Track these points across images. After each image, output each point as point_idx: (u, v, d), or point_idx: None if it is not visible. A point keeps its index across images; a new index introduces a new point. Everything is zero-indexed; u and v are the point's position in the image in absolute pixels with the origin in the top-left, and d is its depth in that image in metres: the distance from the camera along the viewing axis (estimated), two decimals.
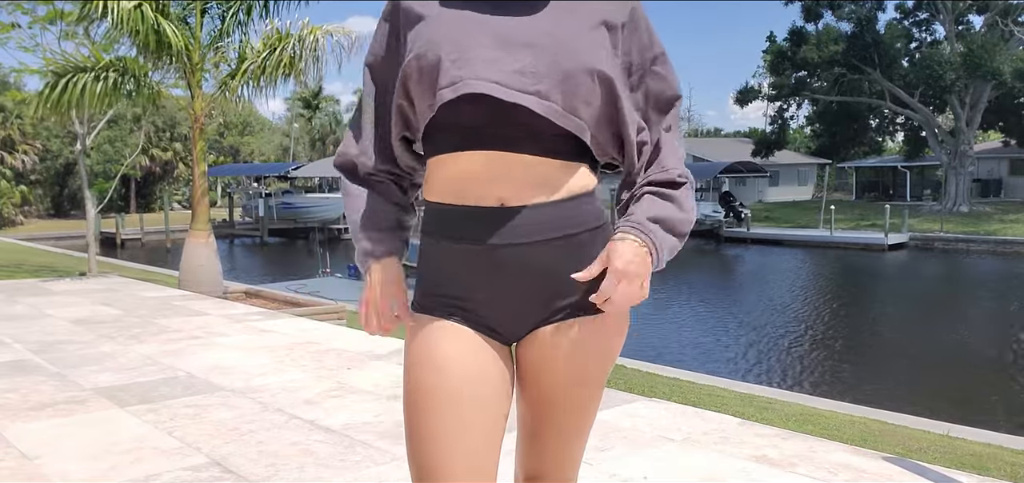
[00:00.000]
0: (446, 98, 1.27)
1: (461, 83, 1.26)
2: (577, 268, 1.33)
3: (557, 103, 1.27)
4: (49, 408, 4.06)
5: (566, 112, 1.28)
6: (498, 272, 1.32)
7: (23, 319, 6.96)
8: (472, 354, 1.34)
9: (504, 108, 1.27)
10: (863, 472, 3.14)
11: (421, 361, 1.35)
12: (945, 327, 14.30)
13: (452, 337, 1.34)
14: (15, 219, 36.88)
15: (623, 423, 3.76)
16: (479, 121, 1.29)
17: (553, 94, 1.27)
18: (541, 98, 1.26)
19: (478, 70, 1.27)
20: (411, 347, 1.38)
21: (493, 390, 1.35)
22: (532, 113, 1.27)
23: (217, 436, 3.59)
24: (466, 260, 1.33)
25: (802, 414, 4.35)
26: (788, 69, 37.81)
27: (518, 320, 1.37)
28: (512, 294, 1.33)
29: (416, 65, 1.31)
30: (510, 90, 1.26)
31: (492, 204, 1.30)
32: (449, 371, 1.32)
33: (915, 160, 41.20)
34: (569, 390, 1.40)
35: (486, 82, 1.26)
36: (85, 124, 11.37)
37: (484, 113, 1.28)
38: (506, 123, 1.29)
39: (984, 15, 34.30)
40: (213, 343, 5.84)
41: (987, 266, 24.13)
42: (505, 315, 1.36)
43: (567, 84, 1.28)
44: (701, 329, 13.81)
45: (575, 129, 1.30)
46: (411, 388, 1.36)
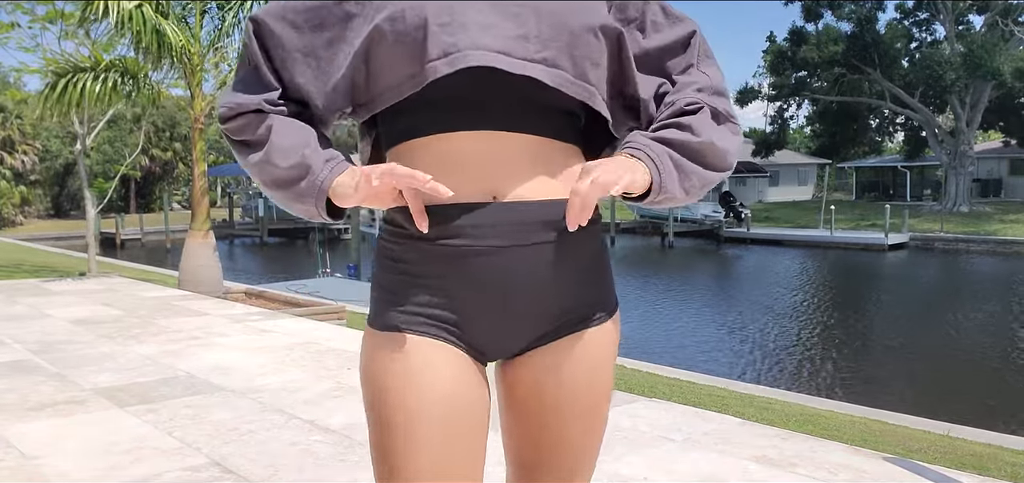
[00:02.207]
0: (442, 72, 1.06)
1: (458, 55, 1.06)
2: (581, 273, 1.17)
3: (567, 70, 1.10)
4: (49, 408, 4.05)
5: (577, 79, 1.11)
6: (487, 280, 1.11)
7: (23, 319, 6.96)
8: (462, 381, 1.13)
9: (503, 80, 1.08)
10: (863, 472, 3.14)
11: (397, 391, 1.11)
12: (945, 327, 14.30)
13: (436, 360, 1.12)
14: (15, 219, 36.87)
15: (623, 423, 3.76)
16: (472, 96, 1.10)
17: (561, 60, 1.09)
18: (549, 66, 1.09)
19: (475, 37, 1.06)
20: (380, 374, 1.13)
21: (481, 422, 1.16)
22: (536, 85, 1.08)
23: (217, 436, 3.59)
24: (447, 264, 1.11)
25: (802, 414, 4.35)
26: (788, 69, 37.85)
27: (510, 336, 1.16)
28: (503, 305, 1.12)
29: (390, 29, 1.08)
30: (515, 60, 1.07)
31: (484, 199, 1.10)
32: (437, 402, 1.10)
33: (915, 160, 41.21)
34: (577, 418, 1.20)
35: (489, 52, 1.06)
36: (85, 124, 11.36)
37: (478, 86, 1.09)
38: (504, 98, 1.10)
39: (984, 15, 34.30)
40: (213, 343, 5.84)
41: (987, 266, 24.13)
42: (495, 331, 1.15)
43: (575, 47, 1.10)
44: (701, 329, 13.80)
45: (587, 97, 1.12)
46: (386, 426, 1.11)
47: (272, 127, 1.14)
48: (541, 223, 1.11)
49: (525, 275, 1.12)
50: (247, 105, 1.15)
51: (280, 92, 1.16)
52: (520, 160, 1.11)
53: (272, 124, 1.14)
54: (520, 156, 1.11)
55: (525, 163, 1.11)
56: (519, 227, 1.10)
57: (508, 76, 1.07)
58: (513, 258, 1.10)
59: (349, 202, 1.10)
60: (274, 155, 1.12)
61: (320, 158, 1.12)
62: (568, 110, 1.15)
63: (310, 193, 1.11)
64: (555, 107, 1.13)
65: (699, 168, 1.13)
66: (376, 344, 1.15)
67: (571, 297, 1.16)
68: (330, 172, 1.10)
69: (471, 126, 1.10)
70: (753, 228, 31.56)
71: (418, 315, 1.13)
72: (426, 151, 1.12)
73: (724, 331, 13.63)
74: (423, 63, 1.07)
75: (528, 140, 1.12)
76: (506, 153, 1.11)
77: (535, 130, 1.12)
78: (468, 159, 1.10)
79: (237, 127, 1.16)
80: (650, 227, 33.28)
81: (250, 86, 1.16)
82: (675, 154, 1.11)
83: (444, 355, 1.12)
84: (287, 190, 1.13)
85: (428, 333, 1.12)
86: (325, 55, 1.14)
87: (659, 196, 1.10)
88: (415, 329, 1.12)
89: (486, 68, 1.06)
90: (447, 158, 1.10)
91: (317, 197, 1.10)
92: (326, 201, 1.11)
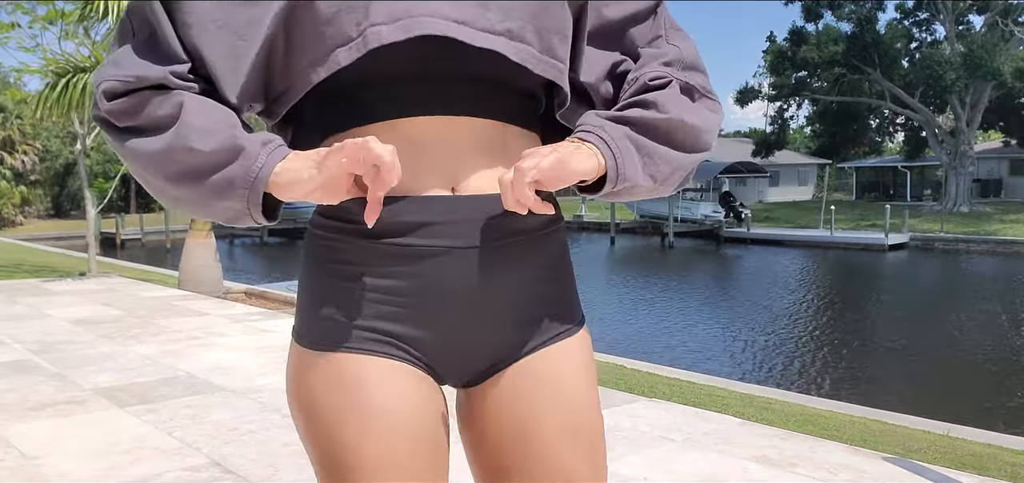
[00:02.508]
0: (388, 39, 0.87)
1: (410, 20, 0.88)
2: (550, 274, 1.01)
3: (532, 45, 0.93)
4: (49, 408, 4.05)
5: (543, 55, 0.94)
6: (448, 286, 0.93)
7: (23, 319, 6.96)
8: (427, 413, 0.95)
9: (459, 54, 0.90)
10: (863, 472, 3.14)
11: (352, 433, 0.91)
12: (945, 327, 14.29)
13: (395, 390, 0.92)
14: (15, 219, 36.89)
15: (623, 423, 3.76)
16: (423, 73, 0.92)
17: (526, 33, 0.93)
18: (512, 39, 0.92)
19: (433, 4, 0.89)
20: (325, 408, 0.93)
21: (445, 459, 0.98)
22: (497, 61, 0.91)
23: (217, 436, 3.59)
24: (400, 269, 0.93)
25: (802, 414, 4.34)
26: (788, 69, 37.87)
27: (467, 354, 0.98)
28: (465, 317, 0.95)
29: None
30: (475, 31, 0.89)
31: (442, 191, 0.93)
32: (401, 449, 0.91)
33: (915, 160, 41.23)
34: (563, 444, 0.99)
35: (445, 21, 0.88)
36: (85, 124, 11.35)
37: (431, 61, 0.92)
38: (460, 76, 0.93)
39: (984, 15, 34.32)
40: (213, 343, 5.84)
41: (987, 266, 24.12)
42: (453, 348, 0.96)
43: (541, 17, 0.94)
44: (702, 329, 13.79)
45: (555, 75, 0.96)
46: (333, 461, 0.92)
47: (183, 104, 0.88)
48: (504, 221, 0.94)
49: (486, 281, 0.94)
50: (148, 77, 0.88)
51: (190, 65, 0.90)
52: (479, 148, 0.94)
53: (183, 101, 0.88)
54: (479, 144, 0.94)
55: (484, 152, 0.95)
56: (481, 225, 0.93)
57: (465, 50, 0.90)
58: (474, 261, 0.93)
59: (295, 193, 0.86)
60: (190, 137, 0.86)
61: (255, 139, 0.87)
62: (529, 91, 1.00)
63: (243, 183, 0.85)
64: (515, 87, 0.97)
65: (668, 150, 0.97)
66: (316, 368, 0.94)
67: (535, 308, 1.00)
68: (270, 156, 0.86)
69: (423, 110, 0.93)
70: (753, 228, 31.54)
71: (367, 330, 0.93)
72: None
73: (724, 331, 13.62)
74: (364, 28, 0.88)
75: (486, 125, 0.95)
76: (464, 140, 0.94)
77: (494, 114, 0.95)
78: (422, 147, 0.92)
79: (129, 106, 0.89)
80: (650, 227, 33.26)
81: (147, 57, 0.89)
82: (636, 135, 0.95)
83: (404, 382, 0.93)
84: (203, 183, 0.87)
85: (381, 352, 0.93)
86: (245, 33, 0.90)
87: (618, 186, 0.93)
88: (366, 348, 0.93)
89: (440, 40, 0.88)
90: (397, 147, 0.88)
91: (252, 188, 0.85)
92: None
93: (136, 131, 0.90)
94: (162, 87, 0.89)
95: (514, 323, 0.99)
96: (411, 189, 0.92)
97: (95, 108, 0.92)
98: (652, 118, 0.96)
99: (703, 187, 34.79)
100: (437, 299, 0.94)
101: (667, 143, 0.97)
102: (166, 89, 0.89)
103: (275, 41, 0.91)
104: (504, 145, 0.97)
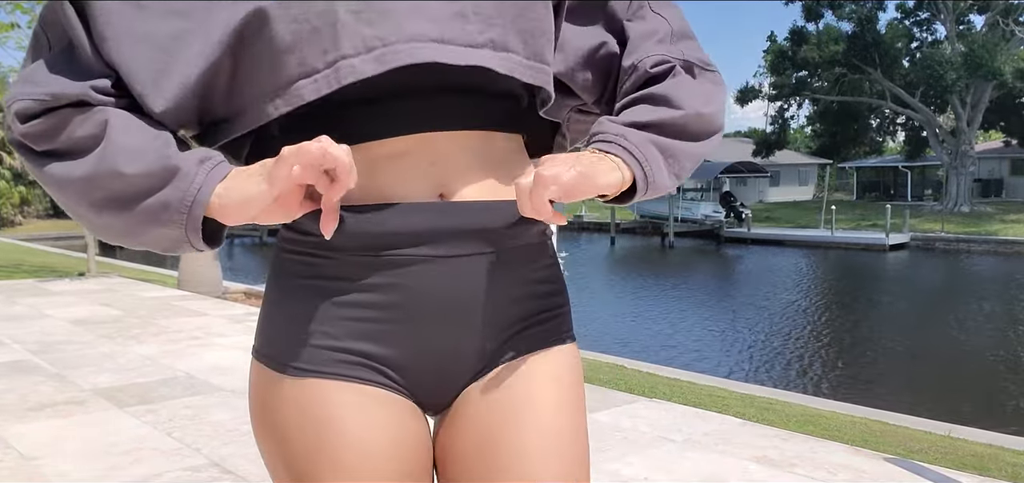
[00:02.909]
0: (364, 74, 0.79)
1: (386, 50, 0.80)
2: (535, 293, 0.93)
3: (517, 51, 0.86)
4: (48, 408, 4.05)
5: (530, 60, 0.88)
6: (434, 299, 0.86)
7: (22, 319, 6.95)
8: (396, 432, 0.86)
9: (439, 71, 0.82)
10: (864, 473, 3.14)
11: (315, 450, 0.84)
12: (946, 327, 14.29)
13: (362, 410, 0.85)
14: (14, 219, 36.92)
15: (623, 423, 3.76)
16: (398, 92, 0.84)
17: (510, 39, 0.86)
18: (497, 50, 0.85)
19: (403, 23, 0.80)
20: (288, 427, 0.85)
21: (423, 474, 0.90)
22: (482, 71, 0.84)
23: (216, 437, 3.58)
24: (383, 281, 0.85)
25: (803, 415, 4.33)
26: (789, 69, 37.88)
27: (451, 376, 0.90)
28: (449, 332, 0.87)
29: (281, 14, 0.79)
30: (457, 48, 0.82)
31: (429, 197, 0.85)
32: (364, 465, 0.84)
33: (916, 160, 41.23)
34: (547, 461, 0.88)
35: (424, 43, 0.81)
36: None
37: (406, 80, 0.83)
38: (439, 91, 0.85)
39: (985, 15, 34.32)
40: (212, 343, 5.83)
41: (988, 266, 24.12)
42: (437, 370, 0.89)
43: (522, 18, 0.87)
44: (702, 329, 13.79)
45: (542, 80, 0.89)
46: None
47: (108, 122, 0.78)
48: (495, 227, 0.87)
49: (473, 293, 0.87)
50: (65, 95, 0.78)
51: (113, 79, 0.80)
52: (464, 157, 0.87)
53: (107, 118, 0.78)
54: (463, 153, 0.87)
55: (469, 160, 0.88)
56: (469, 232, 0.86)
57: (446, 66, 0.82)
58: (461, 270, 0.86)
59: (242, 215, 0.77)
60: (116, 159, 0.76)
61: (191, 158, 0.78)
62: (512, 93, 0.92)
63: (178, 207, 0.77)
64: (498, 92, 0.90)
65: (688, 145, 0.92)
66: (284, 394, 0.86)
67: (522, 322, 0.93)
68: (209, 175, 0.77)
69: (401, 129, 0.85)
70: (754, 228, 31.55)
71: (341, 352, 0.86)
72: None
73: (724, 331, 13.61)
74: (334, 59, 0.80)
75: (470, 135, 0.88)
76: (447, 151, 0.87)
77: (477, 124, 0.88)
78: (403, 157, 0.85)
79: (47, 128, 0.79)
80: (650, 227, 33.28)
81: (63, 73, 0.79)
82: (658, 138, 0.89)
83: (380, 411, 0.86)
84: (132, 210, 0.78)
85: (356, 377, 0.86)
86: (170, 47, 0.80)
87: (647, 194, 0.89)
88: (340, 373, 0.85)
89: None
90: (376, 164, 0.84)
91: (190, 213, 0.77)
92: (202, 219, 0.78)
93: (56, 155, 0.80)
94: (83, 104, 0.79)
95: (498, 337, 0.91)
96: (392, 196, 0.84)
97: (9, 132, 0.81)
98: (670, 118, 0.91)
99: (703, 187, 34.80)
100: (419, 312, 0.86)
101: (686, 138, 0.92)
102: (88, 106, 0.79)
103: (218, 65, 0.81)
104: (489, 151, 0.90)
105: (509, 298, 0.90)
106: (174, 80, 0.80)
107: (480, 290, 0.88)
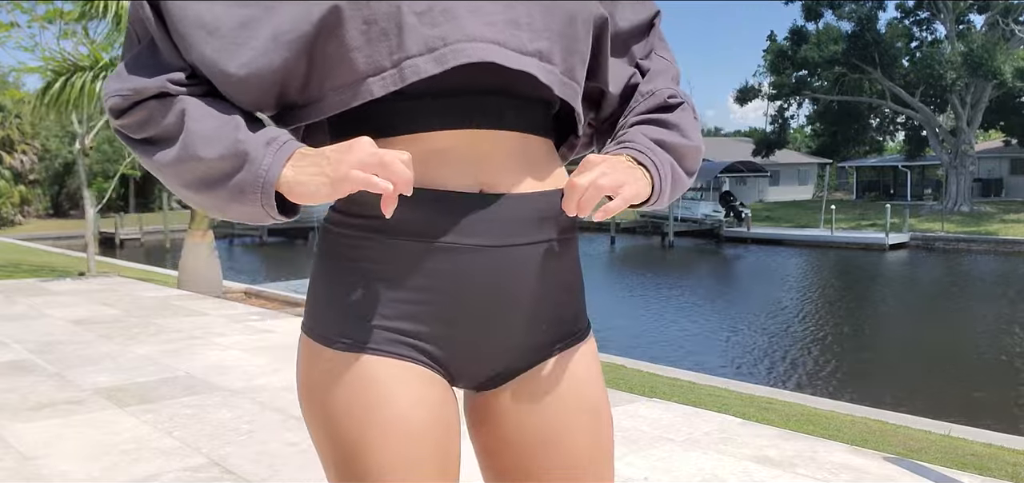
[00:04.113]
0: (426, 73, 0.88)
1: (446, 50, 0.88)
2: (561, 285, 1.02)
3: (557, 66, 0.96)
4: (48, 408, 4.05)
5: (565, 78, 0.97)
6: (469, 284, 0.93)
7: (22, 319, 6.96)
8: (445, 421, 0.95)
9: (490, 70, 0.90)
10: (864, 472, 3.14)
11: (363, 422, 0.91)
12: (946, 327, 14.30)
13: (406, 385, 0.93)
14: (14, 219, 36.90)
15: (623, 423, 3.76)
16: (450, 89, 0.92)
17: (554, 54, 0.95)
18: (542, 60, 0.94)
19: (464, 25, 0.89)
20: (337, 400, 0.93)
21: (455, 454, 0.98)
22: (525, 78, 0.93)
23: (216, 436, 3.58)
24: (421, 265, 0.93)
25: (803, 414, 4.34)
26: (788, 68, 37.84)
27: (486, 358, 0.99)
28: (484, 317, 0.96)
29: (353, 14, 0.88)
30: (510, 51, 0.91)
31: (470, 189, 0.93)
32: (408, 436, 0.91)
33: (916, 159, 41.22)
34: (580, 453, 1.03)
35: (484, 43, 0.89)
36: (84, 124, 11.35)
37: (466, 78, 0.92)
38: (489, 91, 0.94)
39: (985, 14, 34.31)
40: (212, 343, 5.83)
41: (988, 266, 24.12)
42: (472, 351, 0.97)
43: (565, 36, 0.96)
44: (702, 329, 13.79)
45: (572, 97, 0.98)
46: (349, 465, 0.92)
47: (186, 111, 0.87)
48: (532, 220, 0.96)
49: (511, 281, 0.95)
50: (146, 89, 0.87)
51: (188, 72, 0.89)
52: (503, 156, 0.95)
53: (185, 107, 0.87)
54: (502, 152, 0.96)
55: (508, 159, 0.96)
56: (509, 223, 0.94)
57: (495, 68, 0.90)
58: (501, 260, 0.94)
59: (305, 201, 0.86)
60: (195, 145, 0.86)
61: (258, 141, 0.86)
62: (547, 101, 1.01)
63: (252, 189, 0.85)
64: (536, 98, 0.99)
65: (684, 176, 1.05)
66: (332, 368, 0.93)
67: (553, 311, 1.02)
68: (275, 157, 0.85)
69: (448, 124, 0.93)
70: (753, 228, 31.55)
71: (386, 330, 0.93)
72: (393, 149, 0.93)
73: (724, 331, 13.62)
74: (399, 60, 0.88)
75: (509, 136, 0.96)
76: (488, 149, 0.95)
77: (516, 125, 0.97)
78: (446, 153, 0.93)
79: (138, 120, 0.89)
80: (650, 227, 33.27)
81: (145, 68, 0.89)
82: (675, 163, 1.02)
83: (422, 387, 0.94)
84: (220, 189, 0.86)
85: (400, 354, 0.93)
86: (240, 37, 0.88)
87: (650, 207, 1.00)
88: (385, 349, 0.93)
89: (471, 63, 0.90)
90: (423, 156, 0.92)
91: (263, 191, 0.85)
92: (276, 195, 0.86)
93: (151, 142, 0.90)
94: (164, 95, 0.88)
95: (533, 326, 0.99)
96: (439, 186, 0.92)
97: (113, 123, 0.93)
98: (682, 144, 1.03)
99: (703, 187, 34.79)
100: (461, 297, 0.94)
101: (685, 166, 1.04)
102: (169, 97, 0.88)
103: (295, 62, 0.89)
104: (526, 151, 0.98)
105: (542, 288, 0.99)
106: (246, 70, 0.88)
107: (517, 278, 0.96)
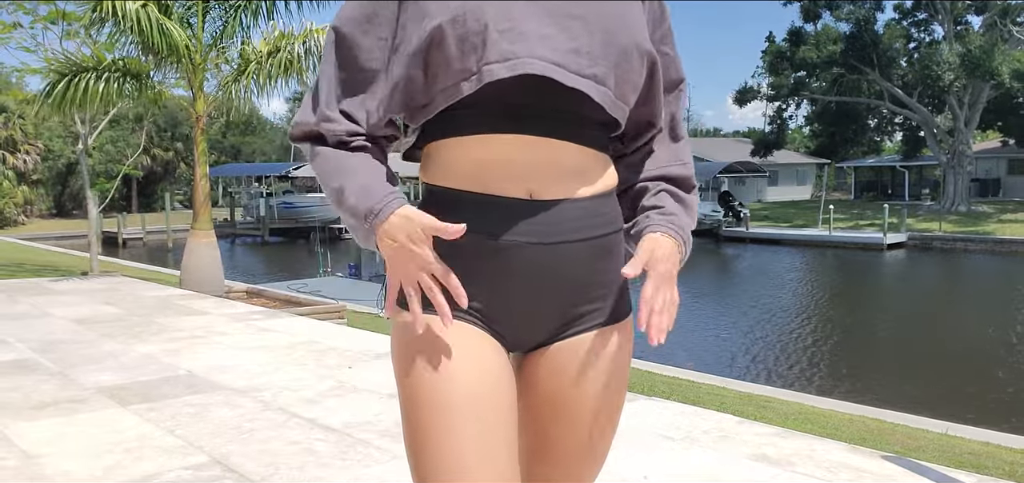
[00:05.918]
0: (499, 76, 1.10)
1: (517, 61, 1.10)
2: (604, 274, 1.22)
3: (611, 89, 1.16)
4: (51, 407, 4.07)
5: (617, 100, 1.17)
6: (518, 273, 1.16)
7: (25, 318, 6.97)
8: (489, 359, 1.17)
9: (549, 89, 1.12)
10: (862, 471, 3.16)
11: (430, 368, 1.15)
12: (944, 326, 14.32)
13: (465, 340, 1.16)
14: (17, 219, 36.86)
15: (622, 422, 3.77)
16: (521, 102, 1.14)
17: (608, 78, 1.15)
18: (598, 83, 1.14)
19: (533, 46, 1.11)
20: (411, 350, 1.17)
21: (509, 402, 1.18)
22: (582, 98, 1.14)
23: (218, 435, 3.61)
24: (480, 256, 1.16)
25: (801, 413, 4.36)
26: (787, 69, 37.84)
27: (530, 328, 1.21)
28: (531, 299, 1.18)
29: (451, 31, 1.11)
30: (569, 73, 1.12)
31: (520, 195, 1.15)
32: (466, 380, 1.14)
33: (913, 160, 41.22)
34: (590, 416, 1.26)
35: (546, 63, 1.11)
36: (87, 124, 11.36)
37: (529, 94, 1.13)
38: (551, 107, 1.15)
39: (983, 16, 34.30)
40: (214, 342, 5.85)
41: (985, 265, 24.15)
42: (517, 321, 1.20)
43: (620, 67, 1.16)
44: (701, 328, 13.81)
45: (621, 116, 1.20)
46: (419, 400, 1.15)
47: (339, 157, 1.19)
48: (574, 222, 1.18)
49: (555, 271, 1.17)
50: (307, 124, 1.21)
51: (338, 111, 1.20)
52: (559, 164, 1.16)
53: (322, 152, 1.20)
54: (559, 161, 1.16)
55: (563, 167, 1.17)
56: (553, 225, 1.16)
57: (555, 86, 1.12)
58: (545, 254, 1.16)
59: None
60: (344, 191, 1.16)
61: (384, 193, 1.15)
62: (602, 121, 1.20)
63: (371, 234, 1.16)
64: (592, 118, 1.18)
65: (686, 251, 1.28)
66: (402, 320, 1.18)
67: (593, 297, 1.22)
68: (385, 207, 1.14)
69: (512, 130, 1.15)
70: (752, 227, 31.57)
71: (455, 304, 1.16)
72: (463, 151, 1.17)
73: (723, 330, 13.64)
74: (481, 65, 1.11)
75: (564, 147, 1.17)
76: (543, 158, 1.16)
77: (572, 138, 1.17)
78: (509, 161, 1.15)
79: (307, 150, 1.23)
80: None
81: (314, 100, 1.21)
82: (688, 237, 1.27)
83: (486, 341, 1.18)
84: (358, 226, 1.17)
85: (469, 319, 1.17)
86: (380, 57, 1.19)
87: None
88: (458, 314, 1.16)
89: (535, 76, 1.11)
90: (486, 158, 1.15)
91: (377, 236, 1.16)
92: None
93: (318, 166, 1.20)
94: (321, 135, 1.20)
95: (570, 306, 1.20)
96: (495, 191, 1.15)
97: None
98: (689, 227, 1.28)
99: (702, 187, 34.75)
100: (514, 281, 1.16)
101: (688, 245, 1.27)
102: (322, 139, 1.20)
103: (415, 71, 1.14)
104: (576, 163, 1.18)
105: (581, 276, 1.20)
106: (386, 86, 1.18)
107: (559, 268, 1.18)
